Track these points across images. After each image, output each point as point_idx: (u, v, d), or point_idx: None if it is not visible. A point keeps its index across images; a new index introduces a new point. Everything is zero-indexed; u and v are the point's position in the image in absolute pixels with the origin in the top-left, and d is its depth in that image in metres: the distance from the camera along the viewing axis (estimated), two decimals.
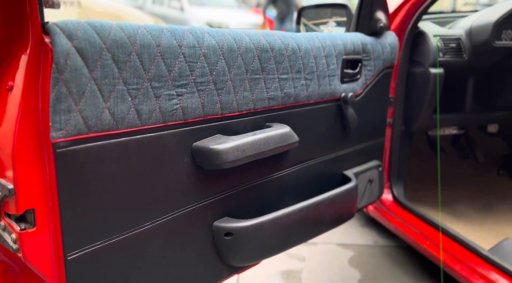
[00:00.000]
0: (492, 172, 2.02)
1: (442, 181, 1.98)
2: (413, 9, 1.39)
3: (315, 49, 1.01)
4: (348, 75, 1.14)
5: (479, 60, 1.46)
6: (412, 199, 1.74)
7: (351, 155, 1.25)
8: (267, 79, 0.91)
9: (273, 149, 0.90)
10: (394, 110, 1.51)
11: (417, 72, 1.46)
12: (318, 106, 1.07)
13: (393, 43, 1.26)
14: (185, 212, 0.81)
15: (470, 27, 1.44)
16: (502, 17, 1.36)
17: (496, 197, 1.84)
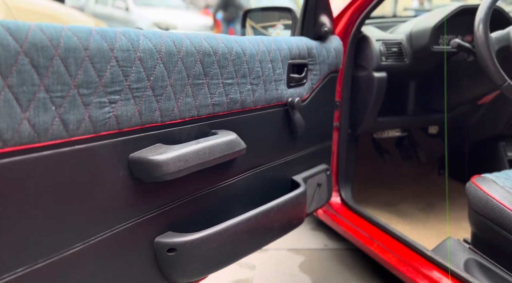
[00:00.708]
0: (434, 172, 2.12)
1: (388, 181, 2.04)
2: (356, 13, 1.42)
3: (260, 53, 0.99)
4: (294, 79, 1.13)
5: (419, 64, 1.51)
6: (359, 200, 1.78)
7: (300, 159, 1.24)
8: (210, 84, 0.87)
9: (219, 157, 0.86)
10: (340, 114, 1.53)
11: (361, 76, 1.49)
12: (265, 111, 1.05)
13: (337, 48, 1.28)
14: (123, 229, 0.75)
15: (410, 32, 1.49)
16: (439, 22, 1.42)
17: (438, 196, 1.93)
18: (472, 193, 1.16)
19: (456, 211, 1.78)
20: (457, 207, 1.82)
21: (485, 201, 1.11)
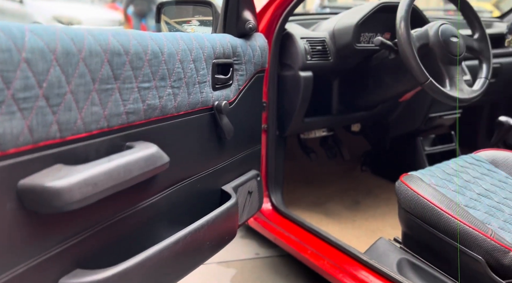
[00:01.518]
0: (357, 168, 2.17)
1: (315, 181, 2.05)
2: (279, 9, 1.36)
3: (181, 52, 0.88)
4: (220, 81, 1.04)
5: (343, 62, 1.51)
6: (289, 202, 1.75)
7: (229, 167, 1.15)
8: (123, 89, 0.74)
9: (137, 176, 0.73)
10: (268, 115, 1.47)
11: (287, 76, 1.44)
12: (190, 117, 0.95)
13: (263, 46, 1.21)
14: (18, 274, 0.59)
15: (333, 30, 1.48)
16: (361, 20, 1.43)
17: (362, 192, 1.97)
18: (403, 192, 1.17)
19: (381, 207, 1.84)
20: (381, 202, 1.87)
21: (415, 200, 1.13)
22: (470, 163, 1.33)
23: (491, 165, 1.34)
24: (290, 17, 1.44)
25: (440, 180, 1.21)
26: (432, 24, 1.31)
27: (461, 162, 1.33)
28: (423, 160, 1.84)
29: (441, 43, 1.26)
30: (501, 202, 1.17)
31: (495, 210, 1.14)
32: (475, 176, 1.27)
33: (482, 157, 1.37)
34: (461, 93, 1.27)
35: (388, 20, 1.55)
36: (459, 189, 1.19)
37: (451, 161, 1.33)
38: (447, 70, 1.27)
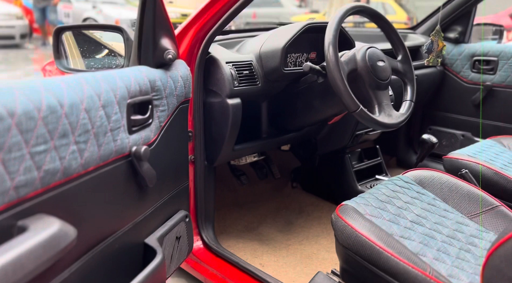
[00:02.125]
0: (287, 185, 2.13)
1: (246, 203, 1.97)
2: (202, 31, 1.24)
3: (86, 99, 0.73)
4: (138, 122, 0.90)
5: (271, 86, 1.44)
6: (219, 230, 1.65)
7: (153, 215, 1.02)
8: (8, 160, 0.58)
9: (34, 269, 0.58)
10: (194, 145, 1.35)
11: (214, 103, 1.33)
12: (102, 171, 0.80)
13: (185, 75, 1.09)
14: None
15: (260, 53, 1.40)
16: (287, 43, 1.36)
17: (294, 211, 1.94)
18: (340, 228, 1.13)
19: (314, 227, 1.81)
20: (314, 222, 1.85)
21: (353, 237, 1.09)
22: (400, 186, 1.34)
23: (419, 187, 1.36)
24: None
25: (375, 210, 1.19)
26: (359, 48, 1.29)
27: (391, 186, 1.33)
28: (352, 177, 1.85)
29: (369, 68, 1.24)
30: (433, 228, 1.18)
31: (428, 238, 1.14)
32: (407, 201, 1.27)
33: (410, 178, 1.38)
34: (390, 119, 1.27)
35: (314, 40, 1.51)
36: (393, 217, 1.18)
37: (383, 186, 1.33)
38: (376, 96, 1.26)
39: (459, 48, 2.23)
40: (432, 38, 1.50)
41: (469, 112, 2.23)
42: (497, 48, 2.10)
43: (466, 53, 2.20)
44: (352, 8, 1.28)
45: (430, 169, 1.42)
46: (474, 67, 2.19)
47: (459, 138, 2.30)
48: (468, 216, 1.25)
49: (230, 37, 1.52)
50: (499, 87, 2.10)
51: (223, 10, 1.19)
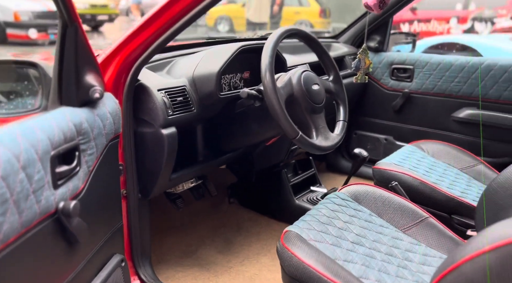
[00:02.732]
0: (224, 201, 2.09)
1: (183, 225, 1.89)
2: (131, 58, 1.14)
3: (3, 165, 0.62)
4: (63, 174, 0.80)
5: (207, 110, 1.38)
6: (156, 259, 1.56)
7: (86, 268, 0.92)
8: None
9: None
10: (126, 179, 1.25)
11: (146, 133, 1.24)
12: (24, 239, 0.69)
13: (114, 110, 0.99)
14: None
15: (193, 77, 1.33)
16: (222, 67, 1.31)
17: (232, 229, 1.90)
18: (285, 258, 1.12)
19: (253, 244, 1.80)
20: (253, 238, 1.83)
21: (298, 266, 1.08)
22: (338, 205, 1.37)
23: (355, 203, 1.40)
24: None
25: (318, 234, 1.20)
26: (294, 72, 1.28)
27: (330, 205, 1.35)
28: (289, 191, 1.86)
29: (304, 92, 1.24)
30: (372, 246, 1.22)
31: (369, 258, 1.18)
32: (346, 220, 1.30)
33: (346, 195, 1.42)
34: (327, 141, 1.28)
35: (247, 59, 1.48)
36: (335, 240, 1.20)
37: (323, 205, 1.34)
38: (312, 120, 1.27)
39: (379, 56, 2.35)
40: (359, 56, 1.55)
41: (391, 118, 2.37)
42: (413, 57, 2.24)
43: (385, 61, 2.33)
44: (287, 31, 1.27)
45: (364, 183, 1.46)
46: (393, 75, 2.32)
47: (382, 142, 2.43)
48: (402, 230, 1.31)
49: (158, 58, 1.42)
50: (416, 94, 2.24)
51: (155, 35, 1.10)
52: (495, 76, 1.98)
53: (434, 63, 2.16)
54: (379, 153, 2.46)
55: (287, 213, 1.88)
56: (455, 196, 1.50)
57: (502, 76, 1.97)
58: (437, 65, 2.15)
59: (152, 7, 1.10)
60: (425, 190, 1.54)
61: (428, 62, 2.18)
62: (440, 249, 1.24)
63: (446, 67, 2.12)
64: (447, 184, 1.60)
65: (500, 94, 1.99)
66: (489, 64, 2.00)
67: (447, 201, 1.50)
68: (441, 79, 2.14)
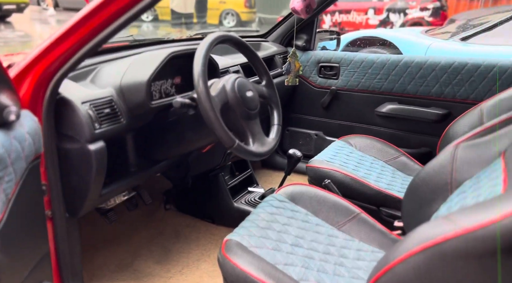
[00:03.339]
0: (160, 208, 2.03)
1: (116, 237, 1.81)
2: (51, 69, 1.04)
3: None
4: None
5: (137, 120, 1.32)
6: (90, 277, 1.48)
7: None
8: None
9: None
10: (51, 199, 1.15)
11: (72, 150, 1.15)
12: None
13: (33, 130, 0.91)
14: None
15: (120, 86, 1.25)
16: (152, 75, 1.26)
17: (170, 236, 1.86)
18: (227, 269, 1.12)
19: (193, 251, 1.77)
20: (192, 245, 1.81)
21: (240, 276, 1.09)
22: (276, 207, 1.39)
23: (292, 204, 1.43)
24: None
25: (258, 239, 1.21)
26: (227, 78, 1.27)
27: (268, 208, 1.37)
28: (227, 194, 1.86)
29: (239, 99, 1.24)
30: (310, 247, 1.26)
31: (308, 259, 1.22)
32: (284, 223, 1.33)
33: (283, 196, 1.45)
34: (264, 147, 1.29)
35: (178, 64, 1.44)
36: (275, 245, 1.22)
37: (261, 209, 1.36)
38: (249, 126, 1.27)
39: (306, 55, 2.42)
40: (290, 59, 1.58)
41: (320, 114, 2.46)
42: (338, 55, 2.34)
43: (313, 60, 2.40)
44: (219, 37, 1.25)
45: (299, 183, 1.50)
46: (320, 73, 2.40)
47: (313, 138, 2.52)
48: (337, 227, 1.36)
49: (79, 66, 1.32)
50: (342, 90, 2.35)
51: (80, 43, 1.00)
52: (412, 73, 2.13)
53: (358, 61, 2.27)
54: (310, 148, 2.55)
55: (226, 216, 1.88)
56: (382, 189, 1.59)
57: (418, 73, 2.12)
58: (361, 63, 2.26)
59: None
60: (356, 186, 1.62)
61: (352, 60, 2.28)
62: (372, 243, 1.31)
63: (368, 65, 2.24)
64: (375, 177, 1.69)
65: (417, 90, 2.14)
66: (407, 62, 2.14)
67: (376, 195, 1.60)
68: (365, 76, 2.26)
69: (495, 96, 1.69)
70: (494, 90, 1.97)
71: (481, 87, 2.01)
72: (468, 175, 1.15)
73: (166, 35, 1.94)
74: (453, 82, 2.05)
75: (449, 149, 1.23)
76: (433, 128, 2.12)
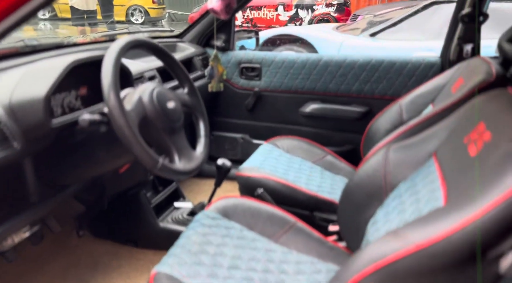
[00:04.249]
0: (72, 235, 1.80)
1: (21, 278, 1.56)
2: None
3: None
4: None
5: (36, 144, 1.11)
6: None
7: None
8: None
9: None
10: None
11: None
12: None
13: None
14: None
15: (10, 104, 1.03)
16: (51, 89, 1.06)
17: (87, 266, 1.65)
18: None
19: (113, 280, 1.59)
20: (114, 274, 1.63)
21: None
22: (208, 226, 1.29)
23: (225, 220, 1.34)
24: None
25: (191, 267, 1.10)
26: (144, 89, 1.12)
27: (200, 228, 1.26)
28: (151, 214, 1.70)
29: (159, 112, 1.10)
30: (248, 267, 1.18)
31: (247, 282, 1.13)
32: (218, 243, 1.23)
33: (215, 212, 1.35)
34: (191, 163, 1.17)
35: (82, 73, 1.25)
36: (210, 271, 1.12)
37: (192, 230, 1.24)
38: (173, 141, 1.14)
39: (226, 56, 2.33)
40: (212, 63, 1.47)
41: (245, 116, 2.39)
42: (259, 55, 2.28)
43: (234, 60, 2.32)
44: (130, 43, 1.09)
45: (231, 196, 1.41)
46: (242, 74, 2.33)
47: (239, 141, 2.44)
48: (274, 240, 1.30)
49: None
50: (265, 91, 2.30)
51: None
52: (332, 72, 2.15)
53: (279, 61, 2.23)
54: (237, 152, 2.47)
55: (152, 238, 1.72)
56: (314, 193, 1.57)
57: (338, 71, 2.15)
58: (282, 63, 2.23)
59: None
60: (288, 192, 1.58)
61: (273, 60, 2.24)
62: (310, 253, 1.27)
63: (290, 65, 2.21)
64: (305, 180, 1.67)
65: (338, 88, 2.17)
66: (326, 61, 2.16)
67: (308, 200, 1.57)
68: (287, 77, 2.23)
69: (411, 92, 1.75)
70: (410, 86, 2.06)
71: (397, 83, 2.09)
72: (401, 177, 1.15)
73: (67, 38, 1.71)
74: (372, 80, 2.11)
75: (380, 151, 1.22)
76: (355, 126, 2.16)
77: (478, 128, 0.92)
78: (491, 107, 0.94)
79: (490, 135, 0.83)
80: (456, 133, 1.03)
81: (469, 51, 1.88)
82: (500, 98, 0.96)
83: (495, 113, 0.91)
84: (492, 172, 0.71)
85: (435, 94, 1.70)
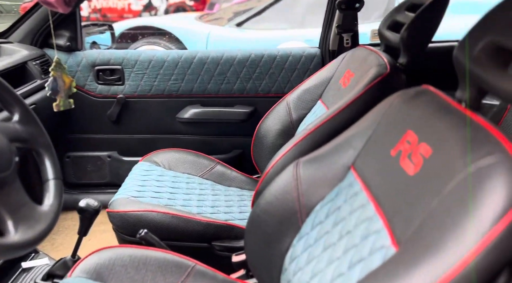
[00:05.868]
0: None
1: None
2: None
3: None
4: None
5: None
6: None
7: None
8: None
9: None
10: None
11: None
12: None
13: None
14: None
15: None
16: None
17: None
18: None
19: None
20: None
21: None
22: None
23: None
24: None
25: None
26: None
27: None
28: None
29: None
30: None
31: None
32: None
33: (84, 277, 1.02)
34: (36, 227, 0.82)
35: None
36: None
37: None
38: (2, 201, 0.77)
39: (75, 57, 1.92)
40: (53, 74, 1.09)
41: (110, 130, 2.02)
42: (118, 55, 1.93)
43: (85, 63, 1.92)
44: None
45: (104, 248, 1.10)
46: (99, 79, 1.95)
47: (106, 161, 2.06)
48: None
49: None
50: (132, 98, 1.96)
51: None
52: (210, 70, 1.93)
53: (145, 61, 1.92)
54: (104, 174, 2.08)
55: None
56: (209, 219, 1.34)
57: (216, 70, 1.93)
58: (149, 63, 1.92)
59: None
60: (180, 224, 1.32)
61: (137, 60, 1.92)
62: None
63: (159, 64, 1.92)
64: (196, 203, 1.44)
65: (218, 88, 1.96)
66: (201, 58, 1.92)
67: (205, 229, 1.33)
68: (157, 79, 1.93)
69: (297, 87, 1.64)
70: (293, 80, 1.95)
71: (280, 79, 1.96)
72: (318, 197, 0.99)
73: None
74: (254, 77, 1.95)
75: (289, 168, 1.04)
76: (242, 129, 1.99)
77: (407, 138, 0.78)
78: (416, 112, 0.82)
79: (431, 150, 0.70)
80: (377, 143, 0.89)
81: (350, 41, 1.84)
82: (423, 99, 0.84)
83: (424, 120, 0.78)
84: (456, 204, 0.56)
85: (322, 89, 1.61)
